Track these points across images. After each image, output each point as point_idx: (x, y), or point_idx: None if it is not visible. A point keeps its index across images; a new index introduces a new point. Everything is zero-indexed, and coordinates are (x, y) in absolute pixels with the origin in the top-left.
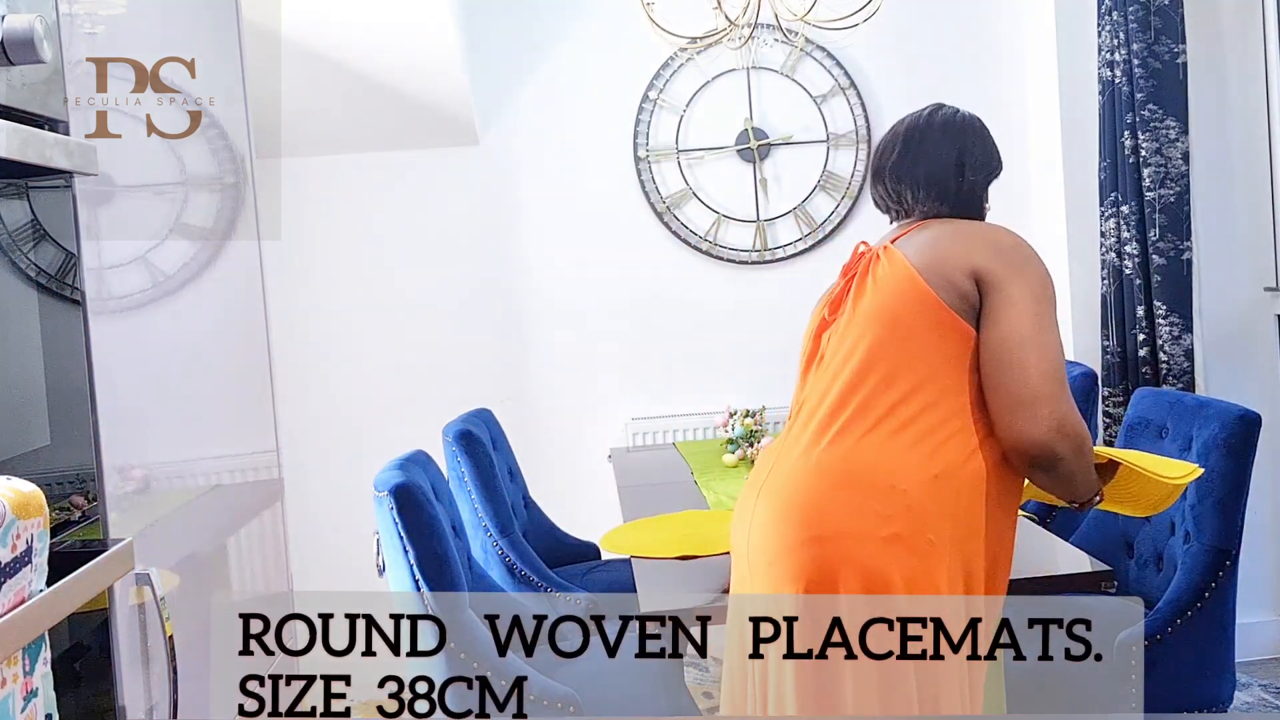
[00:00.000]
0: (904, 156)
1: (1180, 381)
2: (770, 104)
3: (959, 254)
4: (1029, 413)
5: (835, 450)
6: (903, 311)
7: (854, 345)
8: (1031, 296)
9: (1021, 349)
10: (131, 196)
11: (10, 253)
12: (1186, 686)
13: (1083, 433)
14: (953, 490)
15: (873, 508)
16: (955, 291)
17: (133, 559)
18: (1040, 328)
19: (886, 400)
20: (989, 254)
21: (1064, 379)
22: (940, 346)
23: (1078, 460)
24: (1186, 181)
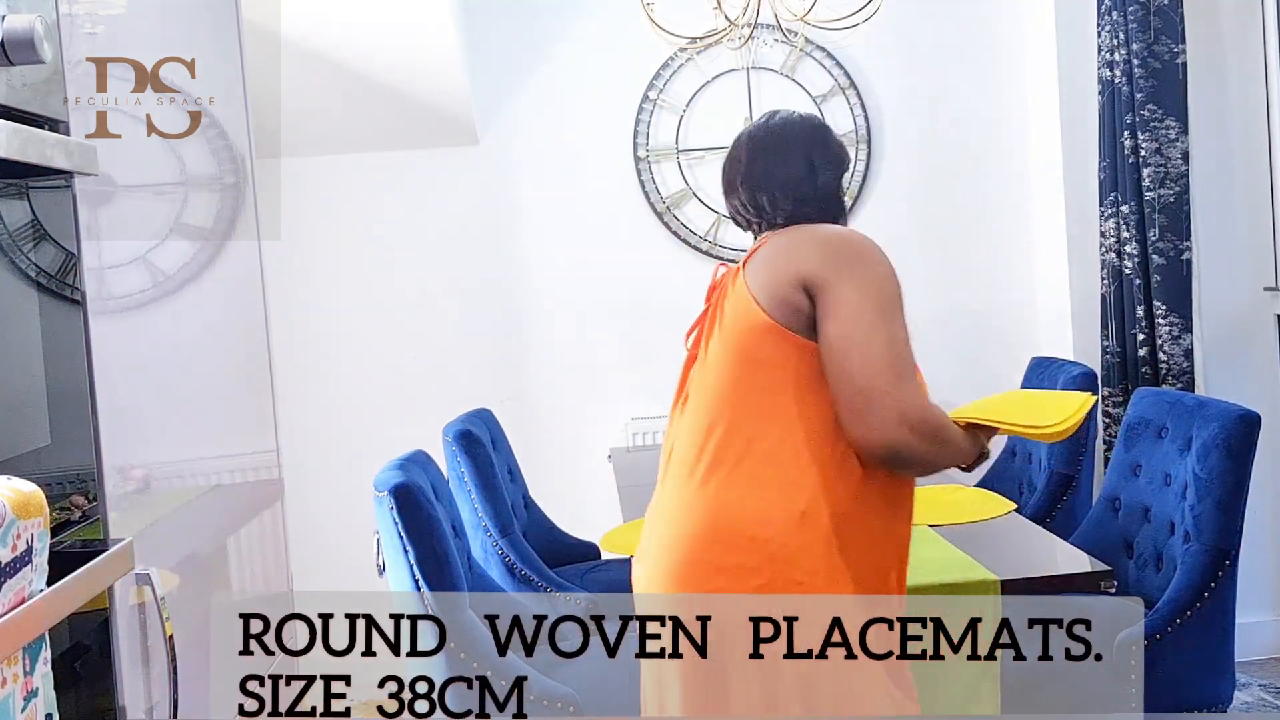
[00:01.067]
0: (753, 165)
1: (1180, 381)
2: (770, 104)
3: (788, 266)
4: (863, 413)
5: (698, 504)
6: (747, 343)
7: (709, 384)
8: (858, 294)
9: (847, 350)
10: (131, 196)
11: (10, 253)
12: (1186, 686)
13: (929, 419)
14: (822, 523)
15: (737, 562)
16: (786, 306)
17: (133, 559)
18: (868, 323)
19: (741, 440)
20: (815, 258)
21: (901, 371)
22: (787, 370)
23: (932, 446)
24: (1186, 181)
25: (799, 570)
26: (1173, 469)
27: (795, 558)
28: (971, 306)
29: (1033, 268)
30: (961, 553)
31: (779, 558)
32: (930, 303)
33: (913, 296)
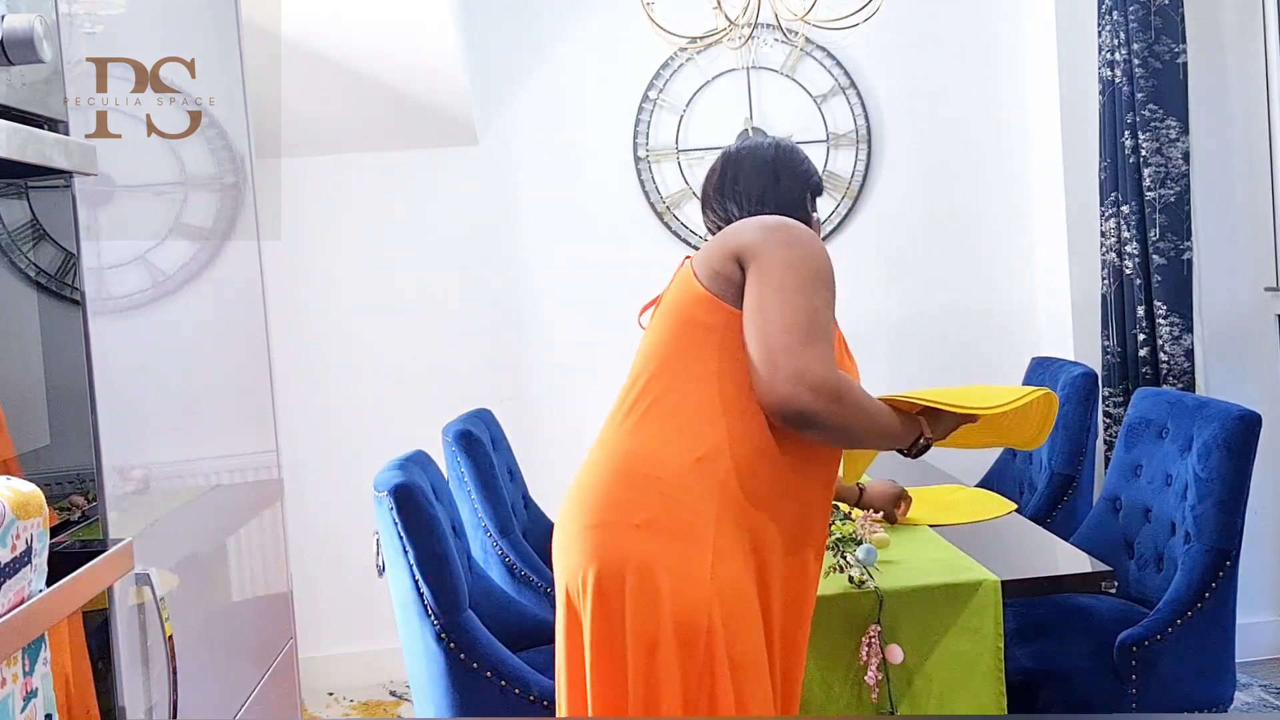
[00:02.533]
0: (724, 176)
1: (1180, 381)
2: (770, 104)
3: (726, 243)
4: (768, 371)
5: (612, 442)
6: (679, 305)
7: (644, 347)
8: (783, 264)
9: (763, 311)
10: (131, 196)
11: (10, 253)
12: (1186, 686)
13: (834, 382)
14: (720, 471)
15: (628, 496)
16: (719, 278)
17: (132, 559)
18: (786, 287)
19: (655, 390)
20: (753, 233)
21: (811, 335)
22: (713, 334)
23: (837, 409)
24: (1187, 181)
25: (688, 511)
26: (1173, 469)
27: (684, 500)
28: (972, 306)
29: (1033, 268)
30: (962, 553)
31: (669, 496)
32: (930, 303)
33: (913, 296)
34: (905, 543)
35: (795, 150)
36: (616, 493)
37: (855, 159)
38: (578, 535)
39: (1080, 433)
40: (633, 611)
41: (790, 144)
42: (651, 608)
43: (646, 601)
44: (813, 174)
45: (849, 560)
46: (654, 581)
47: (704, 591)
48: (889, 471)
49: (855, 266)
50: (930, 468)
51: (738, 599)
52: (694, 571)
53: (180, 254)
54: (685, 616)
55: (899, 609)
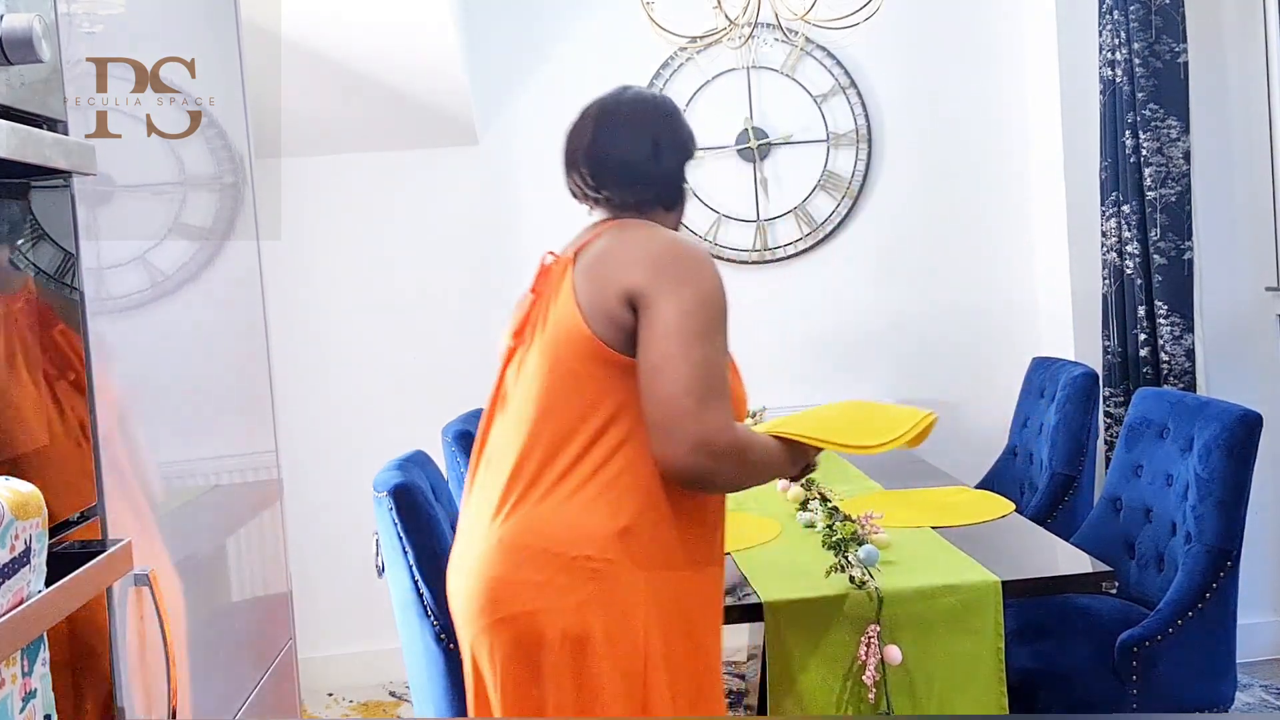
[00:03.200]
0: (596, 141)
1: (1181, 381)
2: (770, 104)
3: (616, 276)
4: (669, 438)
5: (517, 521)
6: (568, 356)
7: (532, 394)
8: (679, 312)
9: (658, 370)
10: (131, 196)
11: (10, 253)
12: (1187, 687)
13: (736, 445)
14: (645, 538)
15: (558, 582)
16: (613, 325)
17: (132, 559)
18: (684, 342)
19: (564, 458)
20: (643, 271)
21: (706, 394)
22: (609, 389)
23: (736, 469)
24: (1187, 181)
25: (622, 584)
26: (1174, 469)
27: (620, 572)
28: (972, 306)
29: (1034, 267)
30: (962, 553)
31: (602, 573)
32: (930, 303)
33: (913, 296)
34: (905, 543)
35: (676, 114)
36: (541, 579)
37: (855, 159)
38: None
39: (1081, 433)
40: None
41: (670, 105)
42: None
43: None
44: (692, 142)
45: (849, 560)
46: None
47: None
48: (888, 472)
49: (855, 266)
50: (930, 468)
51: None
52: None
53: (180, 254)
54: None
55: (899, 609)
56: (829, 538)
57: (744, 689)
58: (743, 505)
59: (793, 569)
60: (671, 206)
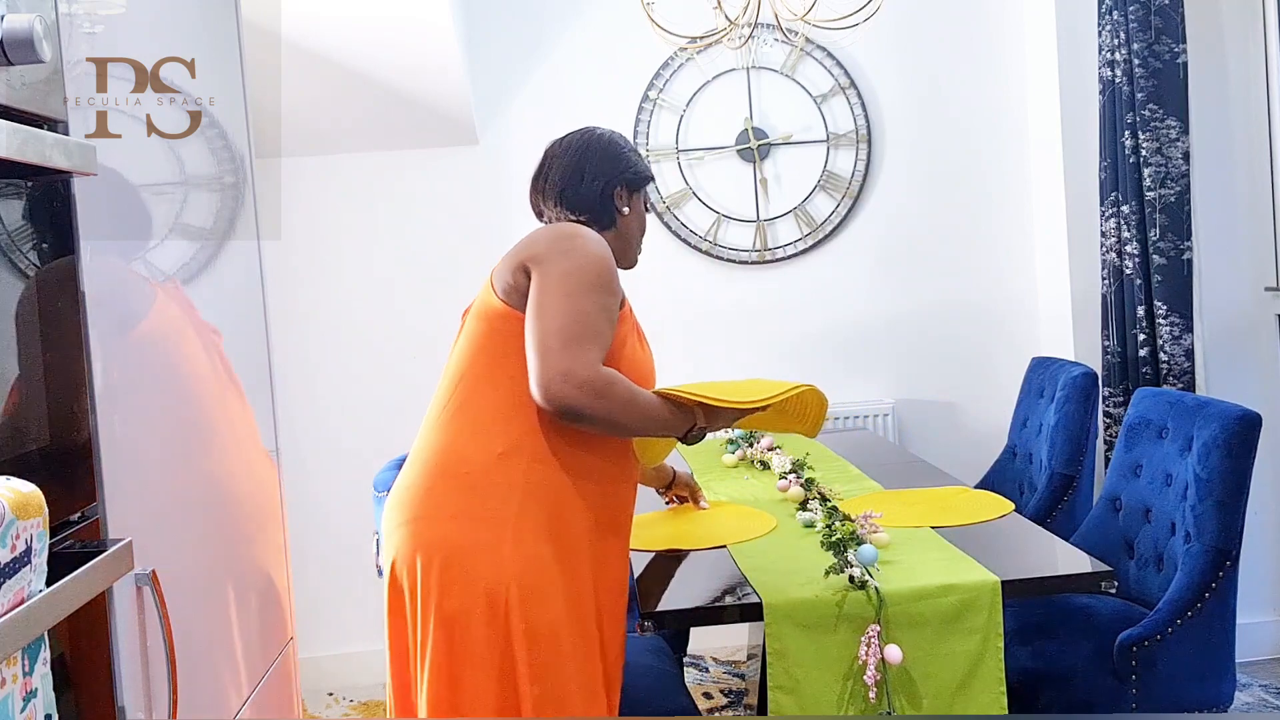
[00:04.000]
0: (541, 170)
1: (1180, 381)
2: (770, 104)
3: (520, 251)
4: (538, 370)
5: (426, 441)
6: (480, 314)
7: (453, 351)
8: (561, 273)
9: (538, 316)
10: (131, 196)
11: (10, 253)
12: (1186, 686)
13: (598, 380)
14: (522, 462)
15: (439, 489)
16: (511, 288)
17: (132, 559)
18: (560, 293)
19: (460, 392)
20: (541, 243)
21: (579, 338)
22: (501, 338)
23: (604, 405)
24: (1187, 181)
25: (492, 500)
26: (1173, 469)
27: (489, 491)
28: (972, 306)
29: (1033, 268)
30: (962, 553)
31: (478, 487)
32: (930, 303)
33: (912, 296)
34: (905, 543)
35: (610, 144)
36: (428, 486)
37: (855, 159)
38: (401, 527)
39: (1080, 433)
40: (441, 590)
41: (609, 137)
42: (458, 586)
43: (454, 580)
44: (625, 169)
45: (849, 560)
46: (461, 564)
47: (504, 571)
48: (887, 472)
49: (854, 266)
50: (930, 468)
51: (537, 576)
52: (496, 554)
53: (180, 254)
54: (486, 593)
55: (898, 609)
56: (828, 537)
57: (744, 688)
58: (742, 502)
59: (792, 569)
60: (606, 226)
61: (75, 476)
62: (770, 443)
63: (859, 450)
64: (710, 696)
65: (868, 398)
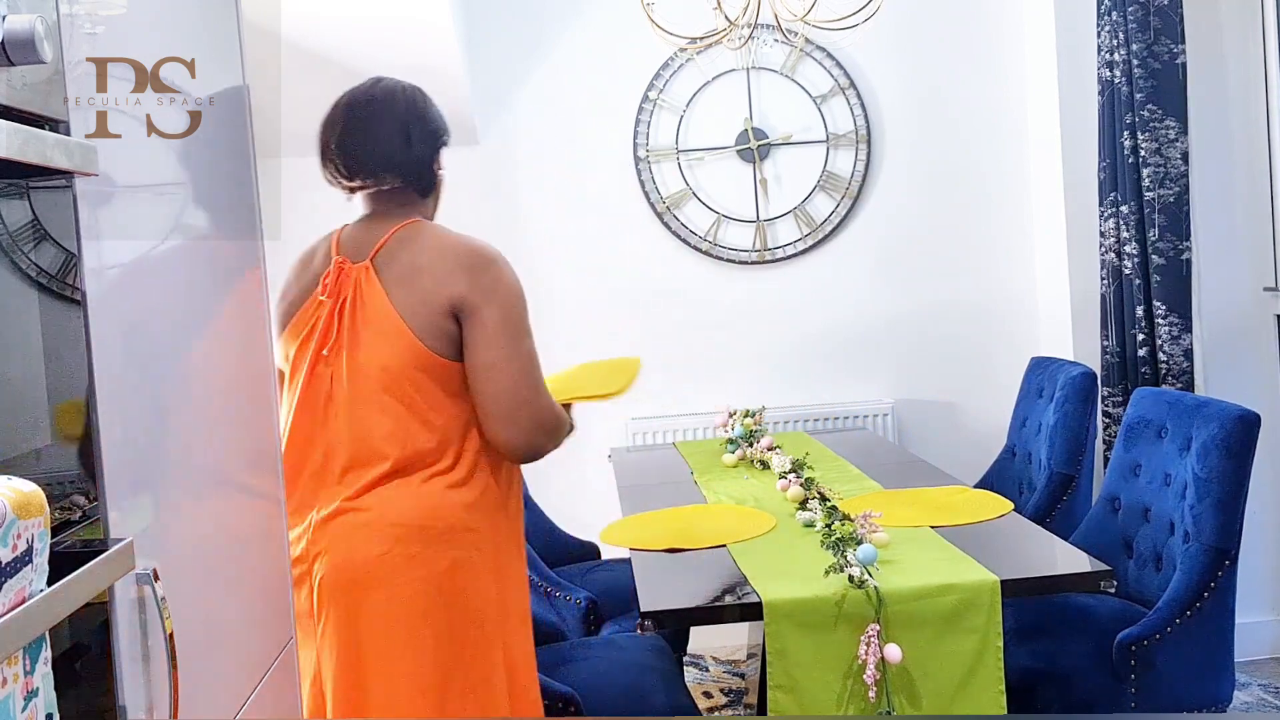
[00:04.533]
0: (348, 132)
1: (1180, 381)
2: (770, 104)
3: (437, 289)
4: (510, 424)
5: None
6: (403, 370)
7: (369, 399)
8: (501, 318)
9: (493, 370)
10: (132, 197)
11: (11, 253)
12: (1185, 686)
13: (557, 419)
14: (487, 507)
15: (433, 546)
16: (443, 337)
17: (133, 559)
18: (510, 343)
19: (423, 456)
20: (463, 282)
21: (537, 381)
22: (445, 392)
23: (556, 440)
24: (1186, 181)
25: (483, 541)
26: (1172, 469)
27: (474, 539)
28: (971, 306)
29: (1033, 268)
30: (961, 553)
31: (462, 542)
32: (930, 303)
33: (912, 296)
34: (905, 543)
35: (427, 104)
36: (420, 548)
37: (855, 159)
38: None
39: (1079, 433)
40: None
41: (421, 95)
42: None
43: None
44: (443, 130)
45: (849, 560)
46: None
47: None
48: (887, 471)
49: (854, 266)
50: (930, 468)
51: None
52: (484, 586)
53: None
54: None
55: (898, 608)
56: (828, 537)
57: (744, 688)
58: (742, 501)
59: (792, 568)
60: (426, 193)
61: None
62: (770, 443)
63: (859, 450)
64: (710, 696)
65: (867, 398)
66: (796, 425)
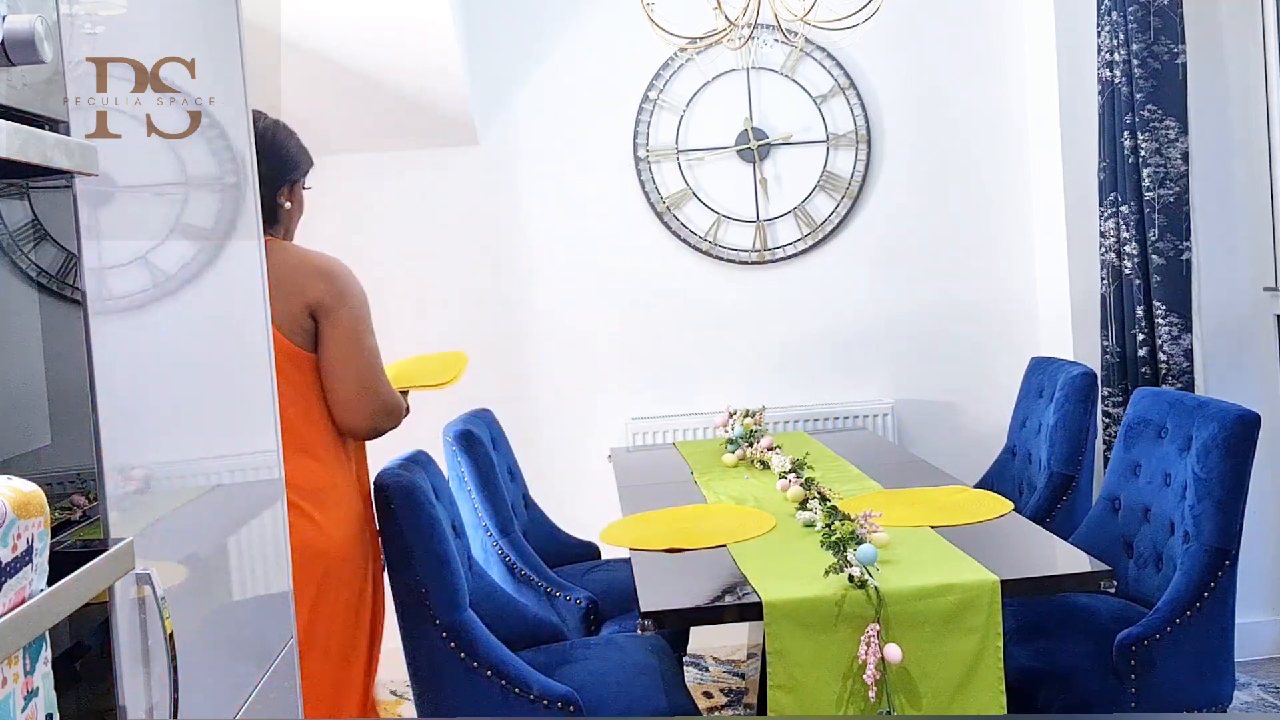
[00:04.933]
0: (280, 161)
1: (1180, 381)
2: (770, 104)
3: (298, 297)
4: (357, 409)
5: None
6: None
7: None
8: (351, 318)
9: (343, 362)
10: (132, 197)
11: (11, 253)
12: (1185, 686)
13: (395, 404)
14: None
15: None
16: (303, 333)
17: (133, 559)
18: (357, 341)
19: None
20: (319, 287)
21: (379, 372)
22: (303, 380)
23: (396, 420)
24: (1186, 181)
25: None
26: (1172, 469)
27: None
28: (971, 307)
29: (1033, 268)
30: (961, 553)
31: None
32: (929, 303)
33: (912, 296)
34: (905, 543)
35: (275, 140)
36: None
37: (855, 159)
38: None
39: (1080, 433)
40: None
41: (273, 130)
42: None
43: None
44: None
45: (849, 560)
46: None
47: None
48: (887, 471)
49: (854, 266)
50: (930, 468)
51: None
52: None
53: (181, 254)
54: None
55: (898, 608)
56: (828, 537)
57: (744, 688)
58: (742, 501)
59: (792, 568)
60: (272, 224)
61: (76, 476)
62: (770, 442)
63: (859, 450)
64: (710, 696)
65: (867, 398)
66: (796, 425)
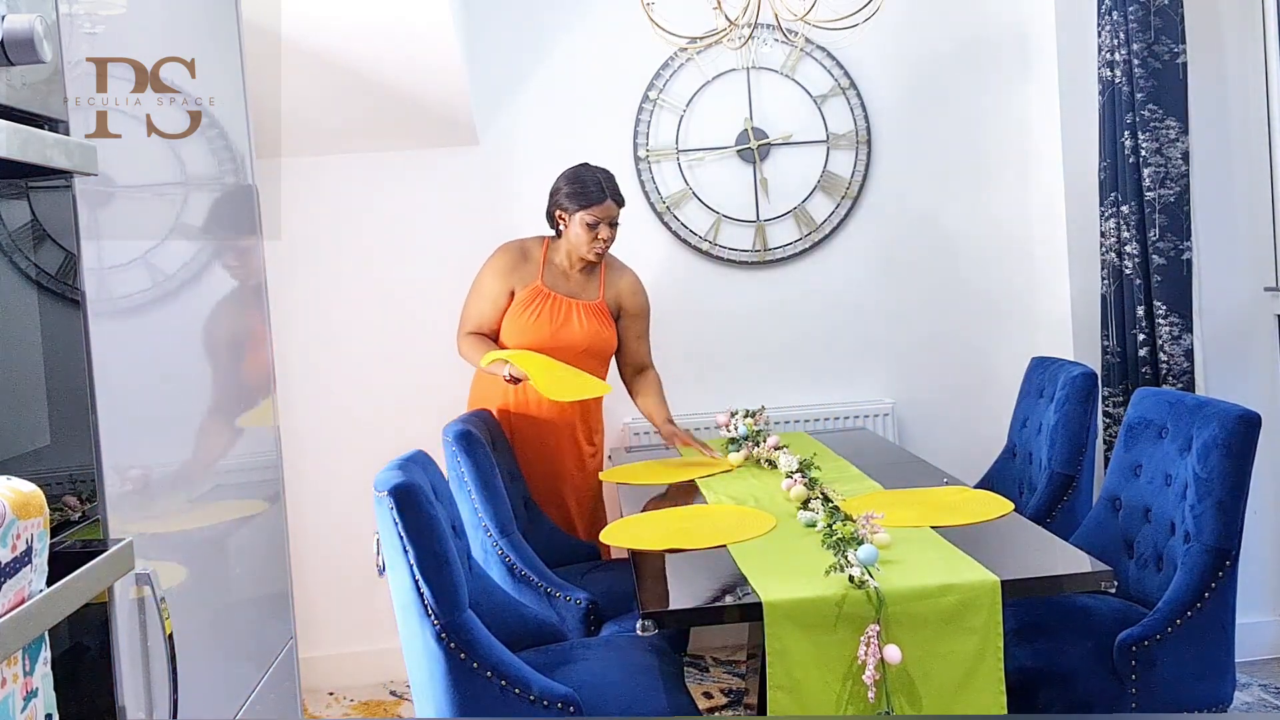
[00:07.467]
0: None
1: (1180, 381)
2: (770, 104)
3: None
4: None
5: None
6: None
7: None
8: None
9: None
10: (132, 197)
11: (11, 253)
12: (1186, 686)
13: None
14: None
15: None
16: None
17: (133, 559)
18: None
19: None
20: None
21: (463, 319)
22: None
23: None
24: (1186, 181)
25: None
26: (1173, 469)
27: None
28: (971, 307)
29: (1033, 268)
30: (962, 553)
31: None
32: (929, 303)
33: (912, 296)
34: (905, 543)
35: (563, 180)
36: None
37: (855, 159)
38: None
39: (1080, 433)
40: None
41: (565, 173)
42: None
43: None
44: (561, 198)
45: (849, 560)
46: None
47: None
48: (887, 472)
49: (854, 267)
50: (930, 468)
51: None
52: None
53: (181, 254)
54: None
55: (899, 608)
56: (829, 537)
57: (744, 688)
58: (742, 501)
59: (792, 568)
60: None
61: (76, 476)
62: (776, 441)
63: (859, 450)
64: (710, 696)
65: (867, 397)
66: (797, 425)
